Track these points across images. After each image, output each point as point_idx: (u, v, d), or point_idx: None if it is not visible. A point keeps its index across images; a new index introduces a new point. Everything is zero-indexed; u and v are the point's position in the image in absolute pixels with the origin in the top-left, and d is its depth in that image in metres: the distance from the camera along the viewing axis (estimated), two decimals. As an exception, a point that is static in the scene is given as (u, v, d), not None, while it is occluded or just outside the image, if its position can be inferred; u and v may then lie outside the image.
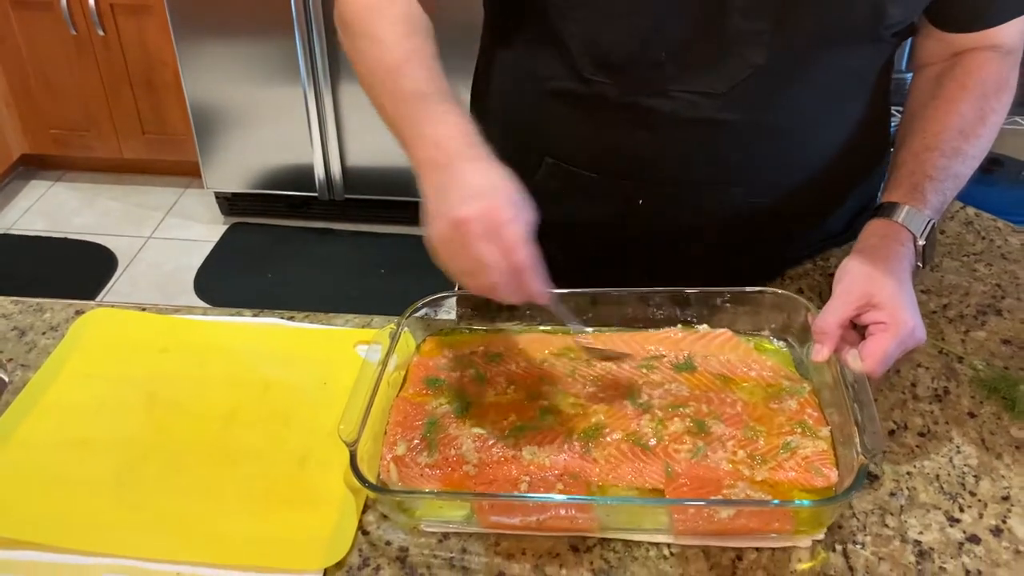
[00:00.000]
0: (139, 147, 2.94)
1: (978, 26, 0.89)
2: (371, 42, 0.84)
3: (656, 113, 0.85)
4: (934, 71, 0.93)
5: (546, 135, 0.93)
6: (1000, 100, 0.90)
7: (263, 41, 2.53)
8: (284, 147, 2.71)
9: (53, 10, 2.66)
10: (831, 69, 0.85)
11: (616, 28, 0.82)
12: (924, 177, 0.85)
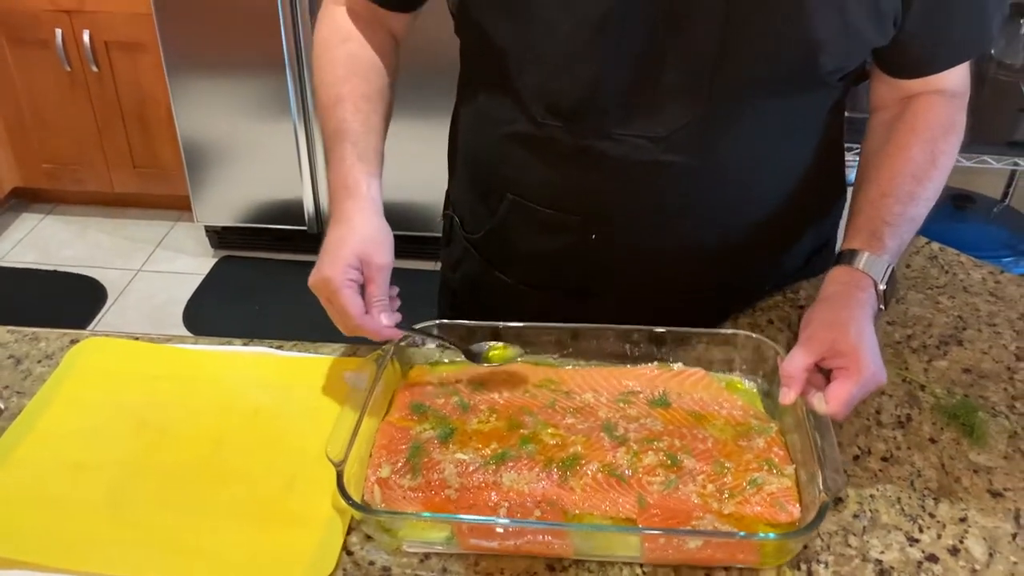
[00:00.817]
0: (130, 181, 2.98)
1: (923, 72, 0.94)
2: (318, 80, 0.99)
3: (604, 155, 0.90)
4: (887, 115, 0.98)
5: (507, 175, 0.99)
6: (949, 142, 0.95)
7: (254, 77, 2.58)
8: (273, 181, 2.75)
9: (49, 47, 2.71)
10: (772, 114, 0.90)
11: (564, 78, 0.88)
12: (882, 223, 0.90)
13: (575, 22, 0.84)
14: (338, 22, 0.99)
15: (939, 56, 0.93)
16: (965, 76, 0.97)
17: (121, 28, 2.67)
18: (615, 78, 0.86)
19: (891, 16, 0.87)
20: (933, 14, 0.88)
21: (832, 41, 0.84)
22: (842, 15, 0.83)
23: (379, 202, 0.92)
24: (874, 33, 0.87)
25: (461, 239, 1.11)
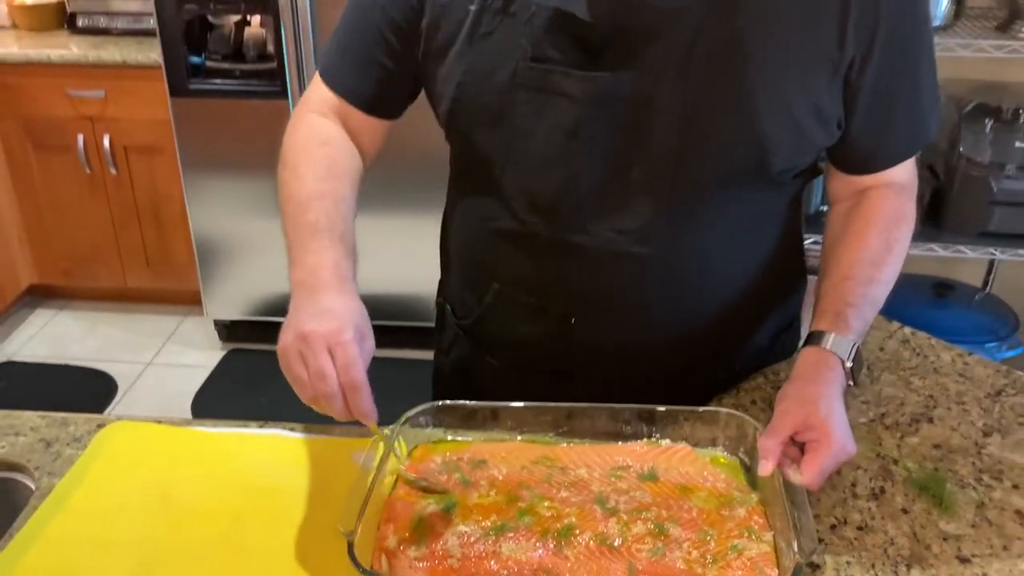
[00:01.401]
0: (143, 277, 3.08)
1: (870, 169, 1.05)
2: (293, 176, 1.02)
3: (581, 247, 0.99)
4: (844, 206, 1.08)
5: (493, 265, 1.08)
6: (901, 230, 1.04)
7: (265, 175, 2.69)
8: (281, 275, 2.81)
9: (71, 152, 2.85)
10: (733, 209, 0.99)
11: (542, 179, 0.98)
12: (845, 306, 0.98)
13: (549, 129, 0.95)
14: (316, 128, 1.06)
15: (883, 155, 1.04)
16: (912, 170, 1.07)
17: (140, 133, 2.82)
18: (587, 178, 0.96)
19: (834, 119, 0.97)
20: (875, 118, 0.98)
21: (781, 142, 0.94)
22: (789, 118, 0.93)
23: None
24: (820, 134, 0.97)
25: (453, 325, 1.19)
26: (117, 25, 2.92)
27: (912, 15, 0.96)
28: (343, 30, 1.06)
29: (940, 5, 2.01)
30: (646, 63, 0.91)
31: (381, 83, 1.04)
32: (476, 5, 0.95)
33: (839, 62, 0.93)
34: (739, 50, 0.90)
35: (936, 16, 2.02)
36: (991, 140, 2.12)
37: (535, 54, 0.93)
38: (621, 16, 0.91)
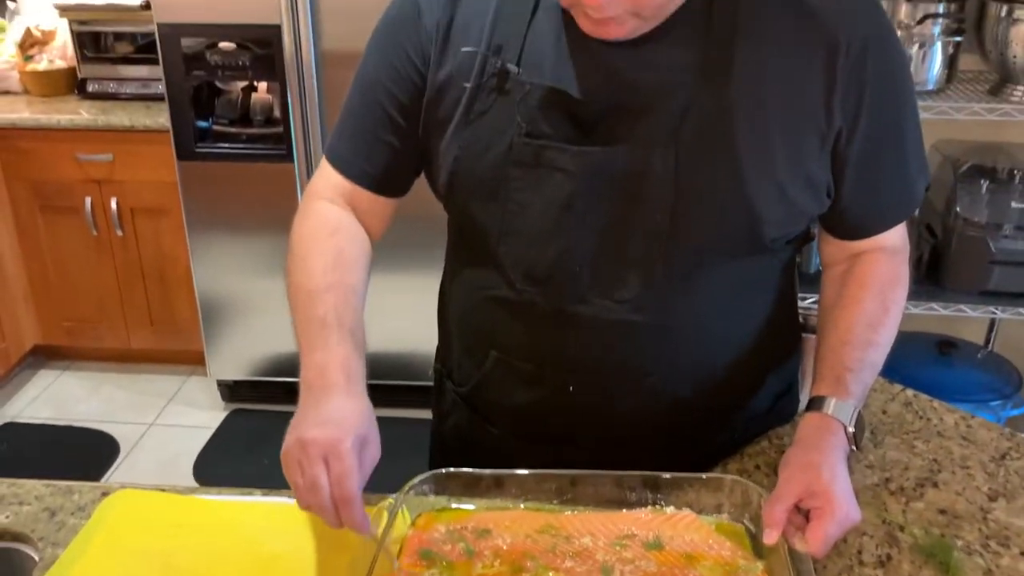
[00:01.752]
0: (147, 337, 3.09)
1: (862, 236, 1.06)
2: (302, 266, 1.03)
3: (577, 316, 1.00)
4: (838, 271, 1.09)
5: (491, 334, 1.09)
6: (896, 293, 1.06)
7: (269, 236, 2.74)
8: (285, 335, 2.82)
9: (78, 214, 2.89)
10: (727, 276, 1.01)
11: (538, 250, 0.99)
12: (844, 370, 0.99)
13: (545, 202, 0.97)
14: (325, 215, 1.07)
15: (874, 221, 1.05)
16: (903, 234, 1.09)
17: (147, 195, 2.86)
18: (582, 249, 0.98)
19: (824, 188, 0.99)
20: (864, 186, 1.00)
21: (772, 212, 0.96)
22: (779, 188, 0.95)
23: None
24: (810, 204, 0.99)
25: (450, 392, 1.19)
26: (126, 90, 2.97)
27: (896, 86, 0.98)
28: (348, 112, 1.08)
29: (932, 69, 2.05)
30: (639, 136, 0.93)
31: (388, 162, 1.06)
32: (472, 83, 0.97)
33: (827, 133, 0.95)
34: (729, 122, 0.92)
35: (929, 80, 2.06)
36: (987, 200, 2.14)
37: (530, 130, 0.95)
38: (613, 92, 0.94)
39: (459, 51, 0.98)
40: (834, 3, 0.94)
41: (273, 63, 2.53)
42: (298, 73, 2.51)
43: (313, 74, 2.51)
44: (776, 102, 0.93)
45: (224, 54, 2.52)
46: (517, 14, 0.97)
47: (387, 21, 1.05)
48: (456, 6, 0.99)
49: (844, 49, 0.92)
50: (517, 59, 0.96)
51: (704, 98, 0.92)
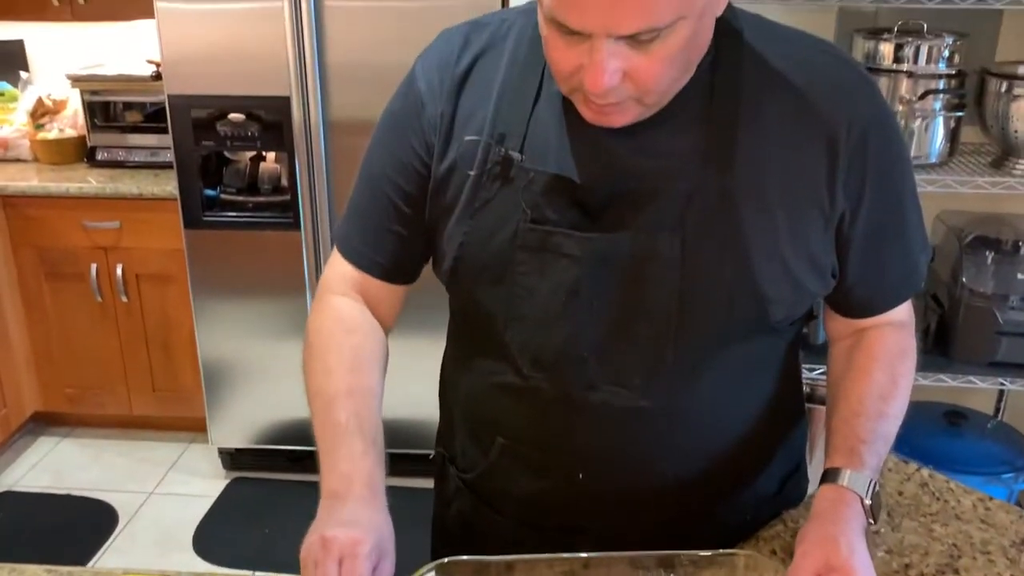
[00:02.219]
0: (148, 404, 3.07)
1: (868, 314, 1.06)
2: (320, 367, 1.03)
3: (586, 403, 0.99)
4: (845, 344, 1.09)
5: (497, 420, 1.07)
6: (905, 365, 1.05)
7: (274, 303, 2.74)
8: (289, 402, 2.84)
9: (83, 281, 2.90)
10: (734, 359, 1.00)
11: (545, 336, 0.98)
12: (858, 441, 0.98)
13: (551, 288, 0.96)
14: (341, 312, 1.07)
15: (879, 300, 1.05)
16: (909, 308, 1.08)
17: (153, 262, 2.87)
18: (590, 335, 0.97)
19: (828, 268, 0.99)
20: (868, 267, 1.01)
21: (779, 293, 0.96)
22: (785, 270, 0.95)
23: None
24: (816, 284, 0.99)
25: (454, 477, 1.17)
26: (135, 158, 3.01)
27: (896, 168, 0.99)
28: (356, 203, 1.08)
29: (935, 143, 2.08)
30: (644, 222, 0.93)
31: (396, 251, 1.06)
32: (476, 170, 0.98)
33: (831, 215, 0.96)
34: (732, 205, 0.92)
35: (931, 153, 2.08)
36: (993, 271, 2.15)
37: (535, 216, 0.95)
38: (617, 179, 0.94)
39: (463, 140, 0.99)
40: (834, 88, 0.95)
41: (282, 133, 2.56)
42: (306, 143, 2.54)
43: (321, 143, 2.54)
44: (779, 186, 0.94)
45: (233, 125, 2.56)
46: (519, 102, 0.97)
47: (391, 114, 1.06)
48: (459, 96, 1.00)
49: (845, 133, 0.93)
50: (520, 146, 0.96)
51: (708, 183, 0.92)
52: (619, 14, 0.79)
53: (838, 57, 0.99)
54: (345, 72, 2.49)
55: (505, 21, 1.02)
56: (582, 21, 0.81)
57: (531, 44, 0.97)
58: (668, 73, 0.86)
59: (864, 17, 2.24)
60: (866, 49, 2.08)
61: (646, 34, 0.81)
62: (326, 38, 2.47)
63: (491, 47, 1.00)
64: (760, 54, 0.95)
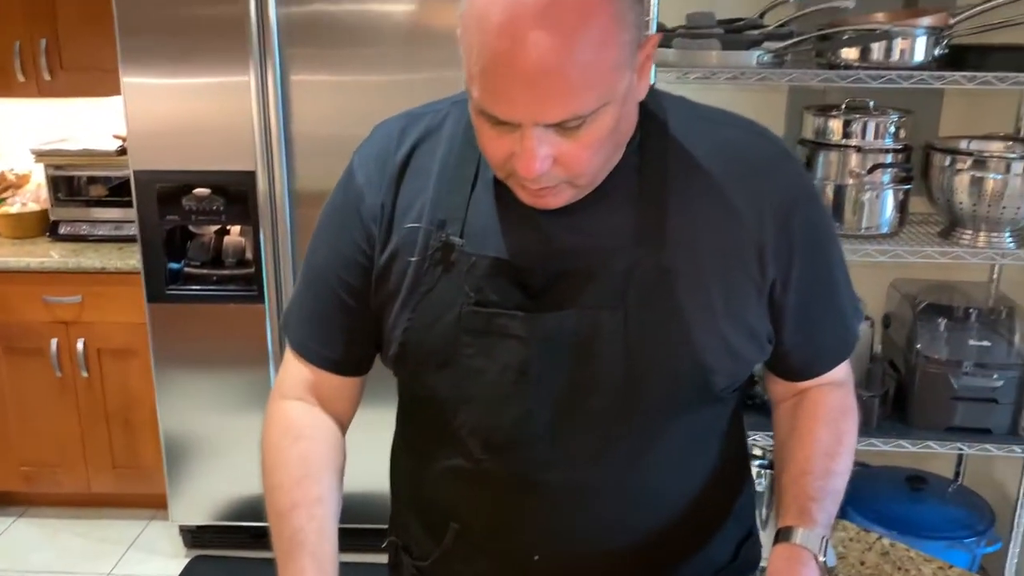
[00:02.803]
0: (108, 481, 3.00)
1: (806, 377, 1.10)
2: (270, 483, 1.04)
3: (538, 482, 1.00)
4: (788, 405, 1.12)
5: (450, 506, 1.07)
6: (848, 422, 1.08)
7: (239, 376, 2.71)
8: (251, 477, 2.76)
9: (43, 355, 2.85)
10: (682, 429, 1.02)
11: (495, 418, 0.99)
12: (808, 500, 1.00)
13: (499, 369, 0.98)
14: (289, 420, 1.07)
15: (816, 364, 1.09)
16: (847, 368, 1.12)
17: (114, 337, 2.84)
18: (540, 415, 0.98)
19: (765, 336, 1.02)
20: (802, 332, 1.04)
21: (720, 364, 0.98)
22: (723, 341, 0.98)
23: None
24: (754, 352, 1.02)
25: (409, 566, 1.15)
26: (98, 232, 3.00)
27: (823, 236, 1.04)
28: (304, 298, 1.09)
29: (885, 214, 2.14)
30: (586, 300, 0.96)
31: (348, 344, 1.07)
32: (417, 256, 0.99)
33: (762, 285, 0.99)
34: (670, 281, 0.95)
35: (883, 224, 2.15)
36: (946, 338, 2.20)
37: (478, 299, 0.97)
38: (557, 260, 0.97)
39: (403, 228, 1.01)
40: (757, 164, 0.99)
41: (247, 206, 2.57)
42: (271, 215, 2.56)
43: (286, 216, 2.56)
44: (712, 261, 0.97)
45: (199, 199, 2.57)
46: (458, 189, 1.00)
47: (332, 208, 1.08)
48: (399, 186, 1.02)
49: (772, 208, 0.98)
50: (460, 231, 0.98)
51: (644, 260, 0.95)
52: (545, 105, 0.83)
53: (760, 134, 1.04)
54: (310, 144, 2.52)
55: (440, 111, 1.05)
56: (510, 112, 0.84)
57: (466, 132, 1.00)
58: (596, 156, 0.89)
59: (813, 95, 2.33)
60: (816, 125, 2.15)
61: (572, 121, 0.84)
62: (291, 111, 2.50)
63: (428, 137, 1.03)
64: (684, 135, 0.99)
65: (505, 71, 0.81)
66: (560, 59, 0.80)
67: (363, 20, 2.42)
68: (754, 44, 2.03)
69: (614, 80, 0.85)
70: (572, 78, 0.81)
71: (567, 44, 0.80)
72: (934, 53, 2.02)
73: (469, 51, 0.84)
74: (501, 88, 0.83)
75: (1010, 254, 2.09)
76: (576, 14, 0.80)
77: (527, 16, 0.79)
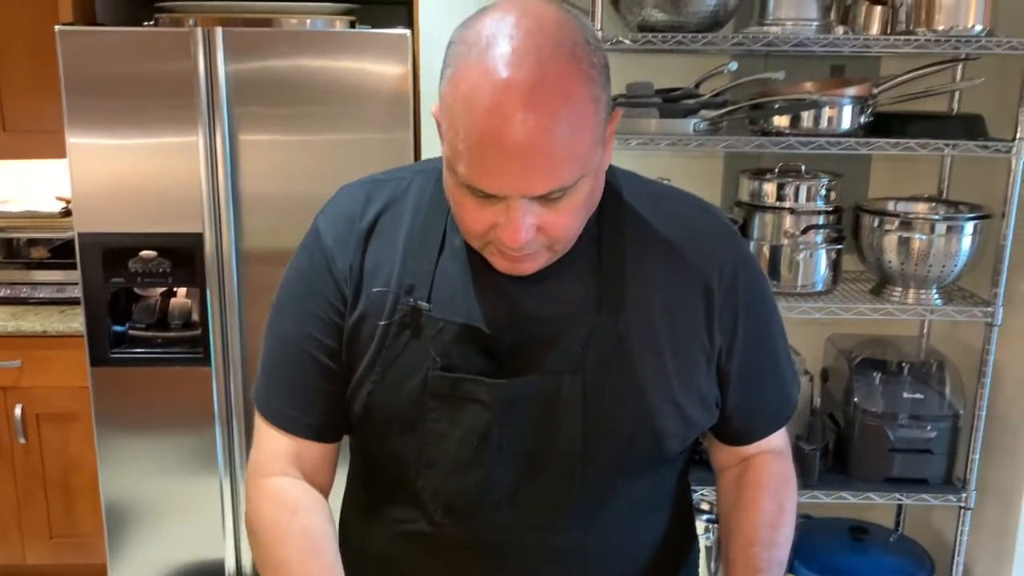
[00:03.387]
0: (44, 552, 2.90)
1: (749, 440, 1.14)
2: (273, 558, 1.01)
3: (497, 545, 1.03)
4: (732, 474, 1.16)
5: (408, 570, 1.08)
6: (789, 490, 1.13)
7: (184, 438, 2.67)
8: (196, 541, 2.74)
9: (-22, 423, 2.78)
10: (636, 490, 1.06)
11: (457, 481, 1.02)
12: (755, 571, 1.04)
13: (462, 434, 1.00)
14: (282, 495, 1.06)
15: (757, 428, 1.14)
16: (785, 436, 1.18)
17: (55, 401, 2.78)
18: (502, 479, 1.01)
19: (713, 401, 1.07)
20: (745, 397, 1.09)
21: (673, 428, 1.03)
22: (676, 406, 1.02)
23: None
24: (704, 417, 1.07)
25: None
26: (39, 295, 2.94)
27: (763, 304, 1.10)
28: (276, 368, 1.09)
29: (819, 272, 2.22)
30: (548, 366, 0.99)
31: (326, 408, 1.07)
32: (385, 320, 1.02)
33: (711, 352, 1.05)
34: (627, 348, 1.00)
35: (817, 282, 2.23)
36: (882, 391, 2.27)
37: (444, 364, 1.00)
38: (522, 326, 1.00)
39: (371, 291, 1.03)
40: (704, 237, 1.06)
41: (193, 268, 2.56)
42: (219, 276, 2.55)
43: (234, 278, 2.55)
44: (666, 329, 1.02)
45: (145, 262, 2.55)
46: (425, 255, 1.03)
47: (299, 273, 1.08)
48: (365, 249, 1.04)
49: (718, 276, 1.04)
50: (428, 297, 1.01)
51: (603, 327, 1.00)
52: (531, 179, 0.88)
53: (706, 209, 1.11)
54: (258, 204, 2.51)
55: (404, 179, 1.09)
56: (498, 186, 0.89)
57: (431, 200, 1.04)
58: (574, 223, 0.95)
59: (748, 159, 2.43)
60: (751, 188, 2.24)
61: (555, 193, 0.90)
62: (239, 171, 2.51)
63: (393, 203, 1.06)
64: (638, 208, 1.05)
65: (494, 149, 0.86)
66: (545, 137, 0.86)
67: (310, 78, 2.45)
68: (691, 112, 2.12)
69: (591, 154, 0.90)
70: (556, 154, 0.87)
71: (551, 123, 0.85)
72: (860, 121, 2.13)
73: (454, 130, 0.89)
74: (489, 164, 0.87)
75: (938, 310, 2.19)
76: (559, 96, 0.86)
77: (515, 98, 0.85)
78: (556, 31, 0.87)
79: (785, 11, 2.13)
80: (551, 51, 0.86)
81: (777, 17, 2.13)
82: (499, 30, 0.87)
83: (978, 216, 2.14)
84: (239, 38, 2.43)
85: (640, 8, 2.08)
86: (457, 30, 0.92)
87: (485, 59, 0.86)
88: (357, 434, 1.09)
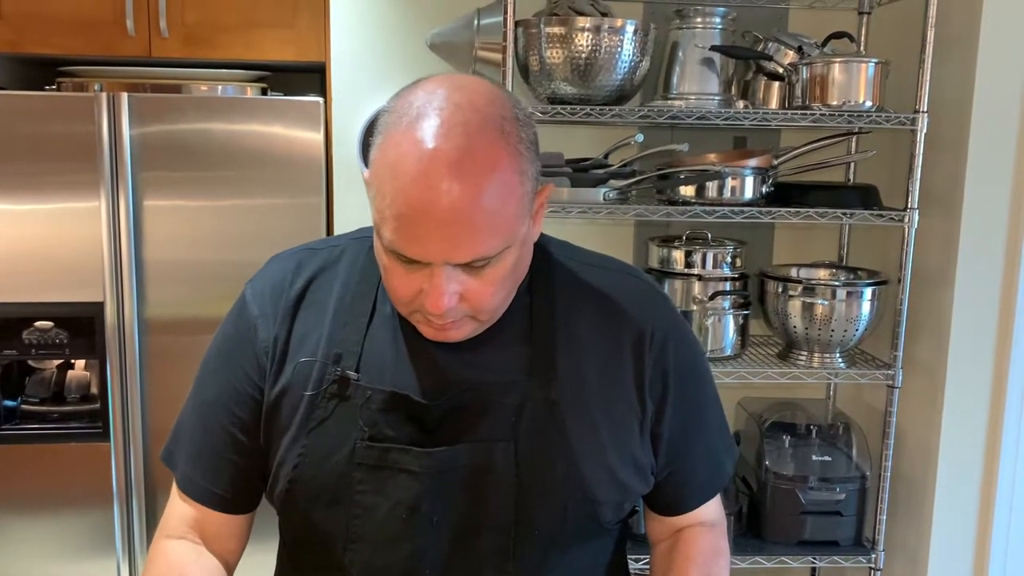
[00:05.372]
0: (-80, 647, 2.69)
1: (682, 510, 1.14)
2: None
3: None
4: (664, 547, 1.15)
5: None
6: (719, 563, 1.12)
7: (81, 517, 2.53)
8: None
9: None
10: (571, 561, 1.04)
11: (388, 555, 0.99)
12: None
13: (391, 505, 0.98)
14: (170, 559, 1.04)
15: (689, 497, 1.13)
16: (719, 508, 1.17)
17: (-63, 482, 2.61)
18: (433, 551, 0.98)
19: (648, 468, 1.07)
20: (677, 464, 1.09)
21: (607, 496, 1.02)
22: (610, 473, 1.01)
23: None
24: (638, 484, 1.06)
25: None
26: (-75, 368, 2.78)
27: (695, 370, 1.11)
28: (188, 431, 1.07)
29: (728, 337, 2.27)
30: (479, 434, 0.98)
31: (236, 480, 1.05)
32: (311, 390, 1.00)
33: (643, 418, 1.04)
34: (559, 415, 0.99)
35: (726, 347, 2.27)
36: (792, 454, 2.31)
37: (373, 434, 0.98)
38: (453, 394, 0.99)
39: (297, 361, 1.01)
40: (634, 302, 1.06)
41: (93, 339, 2.46)
42: (119, 347, 2.45)
43: (136, 349, 2.45)
44: (597, 393, 1.02)
45: (40, 332, 2.44)
46: (354, 323, 1.02)
47: (224, 340, 1.07)
48: (293, 319, 1.03)
49: (648, 342, 1.04)
50: (356, 366, 1.00)
51: (535, 394, 0.99)
52: (455, 247, 0.88)
53: (635, 276, 1.12)
54: (161, 271, 2.44)
55: (336, 247, 1.08)
56: (423, 253, 0.89)
57: (363, 268, 1.04)
58: (498, 293, 0.95)
59: (657, 227, 2.48)
60: (660, 255, 2.29)
61: (479, 261, 0.90)
62: (144, 237, 2.44)
63: (323, 271, 1.06)
64: (569, 277, 1.06)
65: (419, 216, 0.86)
66: (470, 207, 0.86)
67: (220, 143, 2.41)
68: (600, 182, 2.16)
69: (515, 226, 0.91)
70: (480, 224, 0.87)
71: (476, 194, 0.86)
72: (762, 190, 2.20)
73: (382, 196, 0.89)
74: (414, 231, 0.87)
75: (842, 373, 2.25)
76: (485, 167, 0.87)
77: (441, 168, 0.85)
78: (486, 106, 0.89)
79: (688, 85, 2.21)
80: (479, 125, 0.87)
81: (681, 91, 2.22)
82: (430, 102, 0.88)
83: (876, 282, 2.22)
84: (145, 103, 2.39)
85: (550, 81, 2.13)
86: (391, 99, 0.93)
87: (414, 129, 0.87)
88: (283, 509, 1.05)
